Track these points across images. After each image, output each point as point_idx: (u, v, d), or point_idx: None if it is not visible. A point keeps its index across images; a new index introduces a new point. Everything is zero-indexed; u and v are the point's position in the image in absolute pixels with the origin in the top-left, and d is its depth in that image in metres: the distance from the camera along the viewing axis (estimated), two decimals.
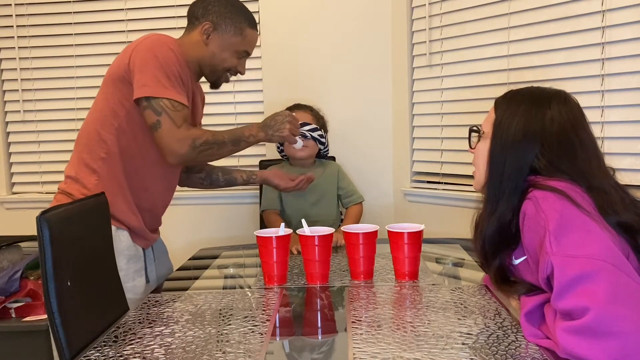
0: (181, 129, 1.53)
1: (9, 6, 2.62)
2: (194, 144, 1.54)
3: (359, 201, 2.14)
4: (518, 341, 1.04)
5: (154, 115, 1.52)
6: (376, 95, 2.51)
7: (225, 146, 1.61)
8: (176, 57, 1.56)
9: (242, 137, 1.64)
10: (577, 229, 0.99)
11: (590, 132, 1.17)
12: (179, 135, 1.53)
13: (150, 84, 1.51)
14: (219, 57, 1.68)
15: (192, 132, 1.56)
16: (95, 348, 1.10)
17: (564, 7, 1.89)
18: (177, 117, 1.53)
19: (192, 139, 1.54)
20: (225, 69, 1.71)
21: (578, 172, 1.11)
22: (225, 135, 1.62)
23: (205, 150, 1.57)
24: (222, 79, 1.75)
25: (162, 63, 1.52)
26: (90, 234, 1.36)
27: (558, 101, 1.17)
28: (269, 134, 1.66)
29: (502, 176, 1.15)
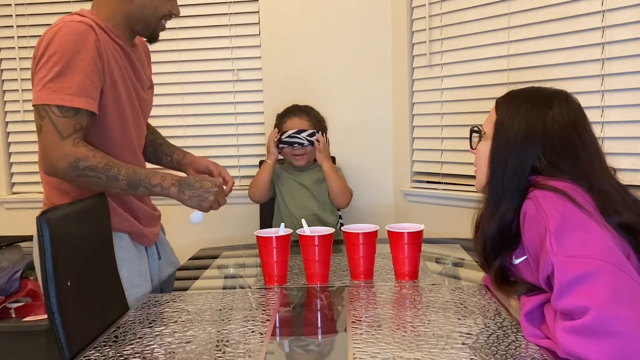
0: (66, 141, 1.32)
1: (9, 6, 2.61)
2: (76, 165, 1.33)
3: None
4: (518, 341, 1.04)
5: (38, 118, 1.34)
6: (376, 95, 2.51)
7: (117, 183, 1.38)
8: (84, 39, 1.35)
9: (145, 183, 1.41)
10: (577, 229, 0.99)
11: (591, 132, 1.18)
12: (60, 148, 1.32)
13: (36, 89, 1.33)
14: (150, 7, 1.48)
15: (78, 151, 1.33)
16: (95, 348, 1.10)
17: (564, 7, 1.88)
18: (63, 125, 1.32)
19: (75, 158, 1.33)
20: (160, 17, 1.52)
21: (579, 173, 1.11)
22: (123, 170, 1.38)
23: (89, 177, 1.35)
24: (158, 30, 1.56)
25: (63, 56, 1.32)
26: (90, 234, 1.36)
27: (559, 101, 1.17)
28: (185, 195, 1.45)
29: (503, 176, 1.15)
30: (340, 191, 2.07)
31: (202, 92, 2.60)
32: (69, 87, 1.32)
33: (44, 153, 1.34)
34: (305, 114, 2.16)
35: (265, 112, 2.55)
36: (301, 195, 2.10)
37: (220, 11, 2.55)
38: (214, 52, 2.58)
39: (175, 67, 2.58)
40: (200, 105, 2.61)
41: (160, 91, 2.59)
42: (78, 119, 1.34)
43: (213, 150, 2.62)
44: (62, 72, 1.32)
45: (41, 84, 1.32)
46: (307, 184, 2.12)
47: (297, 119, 2.13)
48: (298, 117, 2.14)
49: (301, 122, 2.12)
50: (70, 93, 1.32)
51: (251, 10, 2.55)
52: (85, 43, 1.35)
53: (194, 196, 1.47)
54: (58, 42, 1.33)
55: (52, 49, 1.33)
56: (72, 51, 1.33)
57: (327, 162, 2.07)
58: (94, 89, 1.37)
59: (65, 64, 1.32)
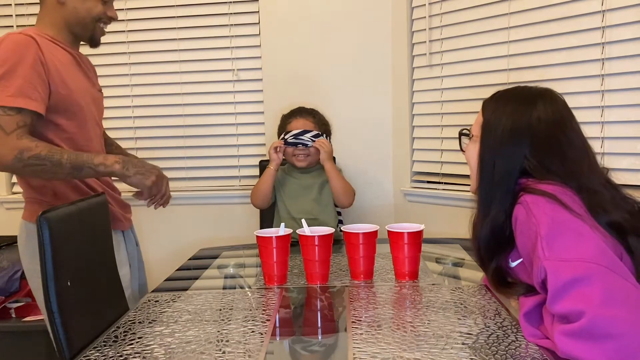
0: (10, 136, 1.41)
1: (9, 6, 2.61)
2: (21, 156, 1.41)
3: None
4: (518, 341, 1.04)
5: None
6: (376, 95, 2.51)
7: (61, 168, 1.44)
8: (25, 48, 1.45)
9: (88, 164, 1.47)
10: (568, 233, 0.99)
11: (578, 131, 1.16)
12: (5, 143, 1.40)
13: None
14: (82, 9, 1.58)
15: (22, 143, 1.42)
16: (95, 348, 1.10)
17: (564, 7, 1.88)
18: (6, 122, 1.41)
19: (19, 150, 1.41)
20: (94, 19, 1.60)
21: (568, 173, 1.10)
22: (65, 155, 1.46)
23: (35, 165, 1.42)
24: (97, 33, 1.64)
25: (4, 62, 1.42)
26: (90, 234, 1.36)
27: (544, 100, 1.16)
28: (129, 172, 1.50)
29: (492, 178, 1.15)
30: (343, 191, 2.07)
31: (202, 92, 2.60)
32: (8, 90, 1.41)
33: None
34: (311, 116, 2.15)
35: (265, 112, 2.55)
36: (303, 199, 2.10)
37: (220, 11, 2.55)
38: (214, 52, 2.58)
39: (175, 67, 2.58)
40: (200, 105, 2.61)
41: (160, 91, 2.60)
42: (21, 117, 1.43)
43: (213, 150, 2.63)
44: (2, 77, 1.42)
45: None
46: (309, 187, 2.11)
47: (302, 120, 2.12)
48: (303, 119, 2.13)
49: (306, 122, 2.11)
50: (9, 95, 1.41)
51: (251, 10, 2.55)
52: (24, 51, 1.45)
53: (138, 173, 1.52)
54: (3, 52, 1.44)
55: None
56: (13, 59, 1.43)
57: (330, 163, 2.07)
58: (34, 91, 1.44)
59: (6, 71, 1.42)
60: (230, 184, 2.62)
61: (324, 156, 2.05)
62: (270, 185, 2.08)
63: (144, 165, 1.55)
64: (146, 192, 1.55)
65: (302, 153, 2.08)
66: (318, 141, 2.05)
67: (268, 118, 2.53)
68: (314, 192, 2.10)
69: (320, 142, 2.05)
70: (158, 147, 2.59)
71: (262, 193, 2.09)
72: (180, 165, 2.62)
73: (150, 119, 2.63)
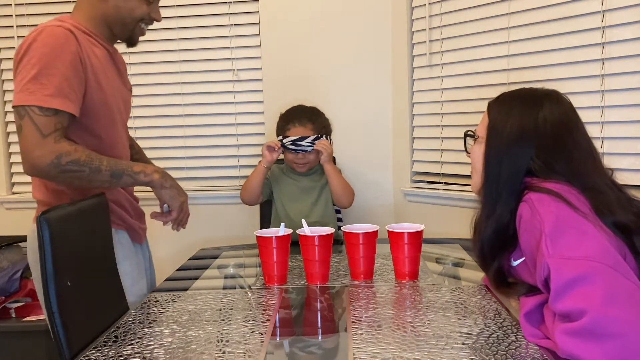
0: (47, 139, 1.32)
1: (9, 6, 2.62)
2: (59, 161, 1.32)
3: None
4: (518, 341, 1.04)
5: (17, 118, 1.33)
6: (376, 95, 2.51)
7: (100, 175, 1.37)
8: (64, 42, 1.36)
9: (128, 171, 1.42)
10: (572, 231, 0.99)
11: (584, 132, 1.17)
12: (42, 146, 1.31)
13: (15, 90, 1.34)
14: (124, 8, 1.48)
15: (60, 146, 1.33)
16: (95, 348, 1.10)
17: (564, 7, 1.88)
18: (43, 124, 1.31)
19: (57, 154, 1.32)
20: (136, 19, 1.51)
21: (573, 173, 1.11)
22: (105, 162, 1.39)
23: (72, 171, 1.34)
24: (136, 34, 1.56)
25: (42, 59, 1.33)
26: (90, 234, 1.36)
27: (550, 101, 1.16)
28: (167, 183, 1.47)
29: (498, 179, 1.15)
30: (343, 191, 2.05)
31: (202, 92, 2.60)
32: (46, 89, 1.32)
33: (24, 153, 1.33)
34: (310, 122, 2.07)
35: (265, 112, 2.55)
36: (302, 201, 2.09)
37: (220, 11, 2.55)
38: (214, 52, 2.58)
39: (175, 67, 2.58)
40: (200, 105, 2.61)
41: (160, 91, 2.60)
42: (59, 119, 1.34)
43: (213, 150, 2.63)
44: (40, 73, 1.32)
45: (20, 86, 1.33)
46: (308, 189, 2.11)
47: (301, 128, 2.05)
48: (302, 126, 2.05)
49: (305, 130, 2.05)
50: (47, 94, 1.32)
51: (251, 10, 2.55)
52: (64, 47, 1.36)
53: (174, 187, 1.49)
54: (36, 46, 1.34)
55: (31, 52, 1.34)
56: (51, 55, 1.34)
57: (330, 164, 2.05)
58: (72, 91, 1.36)
59: (43, 66, 1.32)
60: (230, 184, 2.62)
61: (325, 158, 2.03)
62: (259, 183, 2.05)
63: (178, 184, 1.51)
64: (177, 209, 1.51)
65: (301, 162, 2.06)
66: (318, 143, 2.01)
67: (268, 118, 2.53)
68: (313, 194, 2.09)
69: (321, 144, 2.01)
70: (158, 147, 2.59)
71: (250, 189, 2.07)
72: (180, 165, 2.62)
73: (150, 119, 2.63)
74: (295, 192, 2.10)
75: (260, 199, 2.12)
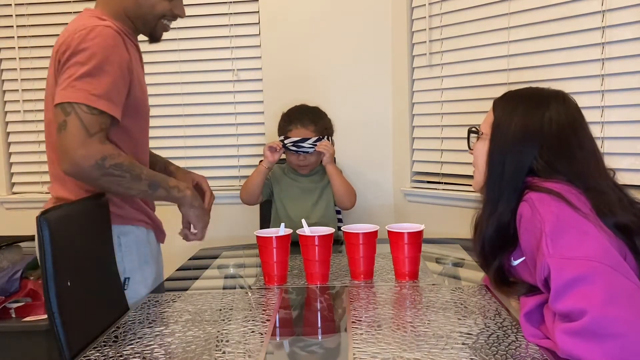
0: (93, 138, 1.28)
1: (9, 6, 2.61)
2: (103, 163, 1.29)
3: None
4: (518, 341, 1.04)
5: (62, 114, 1.29)
6: (376, 95, 2.50)
7: (140, 183, 1.36)
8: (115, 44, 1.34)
9: (164, 184, 1.41)
10: (573, 231, 0.99)
11: (589, 133, 1.17)
12: (87, 145, 1.27)
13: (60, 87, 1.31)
14: (145, 4, 1.45)
15: (105, 148, 1.30)
16: (95, 348, 1.10)
17: (564, 7, 1.88)
18: (90, 122, 1.28)
19: (102, 156, 1.28)
20: (157, 16, 1.47)
21: (576, 173, 1.11)
22: (145, 171, 1.38)
23: (114, 176, 1.31)
24: (159, 30, 1.52)
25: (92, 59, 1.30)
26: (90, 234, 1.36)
27: (556, 102, 1.17)
28: (196, 202, 1.47)
29: (501, 177, 1.15)
30: (345, 192, 2.04)
31: (202, 92, 2.60)
32: (94, 88, 1.29)
33: (67, 150, 1.28)
34: (312, 124, 2.05)
35: (265, 112, 2.55)
36: (303, 202, 2.09)
37: (220, 11, 2.55)
38: (214, 52, 2.58)
39: (175, 67, 2.58)
40: (200, 105, 2.61)
41: (160, 91, 2.60)
42: (103, 119, 1.32)
43: (213, 150, 2.63)
44: (89, 73, 1.30)
45: (66, 83, 1.30)
46: (309, 190, 2.10)
47: (303, 130, 2.03)
48: (304, 128, 2.04)
49: (307, 132, 2.03)
50: (95, 94, 1.29)
51: (251, 10, 2.55)
52: (114, 49, 1.34)
53: (201, 207, 1.49)
54: (87, 45, 1.31)
55: (81, 51, 1.31)
56: (101, 55, 1.31)
57: (332, 165, 2.03)
58: (118, 95, 1.35)
59: (93, 67, 1.30)
60: (230, 184, 2.62)
61: (327, 159, 2.01)
62: (259, 183, 2.04)
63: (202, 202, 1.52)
64: (201, 231, 1.51)
65: (303, 164, 2.05)
66: (320, 144, 1.99)
67: (268, 118, 2.53)
68: (314, 195, 2.09)
69: (322, 146, 1.99)
70: (158, 147, 2.58)
71: (250, 189, 2.06)
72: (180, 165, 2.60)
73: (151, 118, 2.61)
74: (296, 192, 2.10)
75: (259, 199, 2.11)
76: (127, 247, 1.49)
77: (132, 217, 1.51)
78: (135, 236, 1.52)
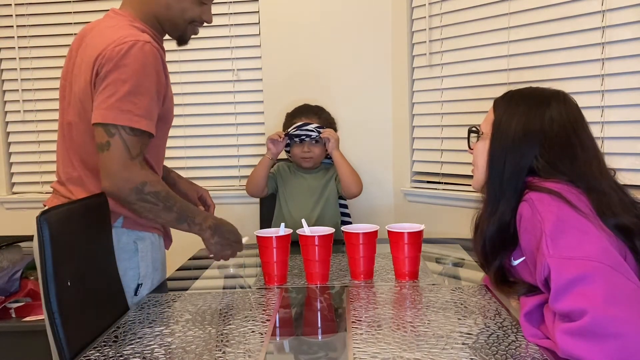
0: (134, 162, 1.30)
1: (9, 6, 2.61)
2: (142, 188, 1.30)
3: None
4: (518, 341, 1.04)
5: (105, 135, 1.29)
6: (376, 95, 2.51)
7: (169, 214, 1.36)
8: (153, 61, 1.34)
9: (189, 219, 1.40)
10: (573, 231, 0.99)
11: (590, 133, 1.17)
12: (129, 169, 1.29)
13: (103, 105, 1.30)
14: (176, 7, 1.44)
15: (146, 174, 1.31)
16: (95, 348, 1.10)
17: (564, 7, 1.88)
18: (132, 144, 1.30)
19: (142, 181, 1.30)
20: (187, 20, 1.47)
21: (577, 173, 1.11)
22: (178, 204, 1.37)
23: (149, 202, 1.32)
24: (188, 33, 1.52)
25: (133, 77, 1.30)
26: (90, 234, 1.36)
27: (557, 101, 1.17)
28: (213, 239, 1.45)
29: (502, 176, 1.15)
30: (352, 179, 2.04)
31: (202, 92, 2.60)
32: (138, 108, 1.30)
33: (109, 172, 1.29)
34: (316, 117, 2.14)
35: (265, 112, 2.55)
36: (306, 199, 2.10)
37: (220, 11, 2.55)
38: (214, 52, 2.58)
39: (175, 67, 2.58)
40: (200, 105, 2.61)
41: None
42: (143, 139, 1.33)
43: (213, 150, 2.63)
44: (131, 92, 1.29)
45: (109, 103, 1.29)
46: (312, 187, 2.11)
47: (306, 119, 2.11)
48: (308, 118, 2.12)
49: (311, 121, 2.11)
50: (138, 114, 1.30)
51: (251, 10, 2.55)
52: (153, 66, 1.34)
53: (218, 244, 1.46)
54: (128, 62, 1.30)
55: (122, 68, 1.30)
56: (142, 72, 1.31)
57: (338, 151, 2.06)
58: (154, 111, 1.36)
59: (135, 85, 1.30)
60: (230, 184, 2.62)
61: (332, 145, 2.04)
62: (263, 174, 2.08)
63: (229, 236, 1.48)
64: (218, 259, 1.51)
65: (307, 156, 2.07)
66: (325, 131, 2.04)
67: (268, 118, 2.53)
68: (317, 193, 2.10)
69: (327, 132, 2.04)
70: None
71: (254, 181, 2.10)
72: (181, 165, 2.62)
73: None
74: (300, 190, 2.12)
75: (265, 192, 2.14)
76: (143, 253, 1.49)
77: (149, 225, 1.51)
78: (151, 242, 1.52)
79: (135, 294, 1.48)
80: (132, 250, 1.47)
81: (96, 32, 1.39)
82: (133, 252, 1.47)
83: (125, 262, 1.46)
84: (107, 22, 1.42)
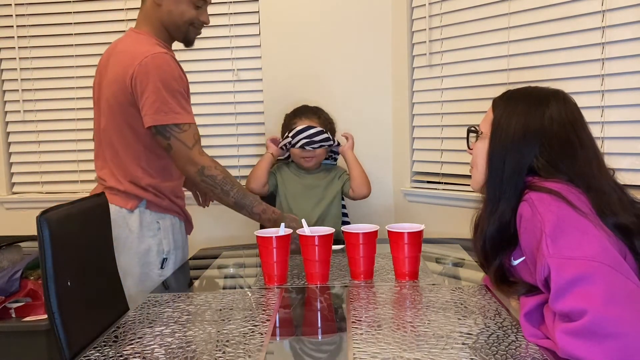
0: (193, 150, 1.62)
1: (9, 6, 2.61)
2: (202, 172, 1.63)
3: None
4: (518, 341, 1.04)
5: (164, 139, 1.61)
6: (376, 95, 2.51)
7: (227, 198, 1.67)
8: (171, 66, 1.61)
9: (249, 207, 1.71)
10: (573, 231, 0.99)
11: (589, 132, 1.17)
12: (189, 158, 1.62)
13: (150, 110, 1.58)
14: (175, 12, 1.69)
15: (203, 160, 1.64)
16: (95, 348, 1.10)
17: (564, 7, 1.88)
18: (186, 138, 1.61)
19: (200, 166, 1.63)
20: (187, 22, 1.71)
21: (577, 173, 1.11)
22: (235, 190, 1.68)
23: (208, 184, 1.65)
24: (191, 34, 1.76)
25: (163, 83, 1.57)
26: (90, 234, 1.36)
27: (557, 100, 1.17)
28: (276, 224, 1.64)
29: (502, 176, 1.15)
30: (364, 179, 2.13)
31: (202, 92, 2.60)
32: (175, 107, 1.59)
33: (179, 164, 1.65)
34: (316, 116, 2.17)
35: (265, 112, 2.55)
36: (306, 199, 2.10)
37: (220, 11, 2.55)
38: (214, 52, 2.58)
39: None
40: (200, 105, 2.60)
41: None
42: (193, 130, 1.64)
43: (213, 150, 2.62)
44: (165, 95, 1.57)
45: (154, 107, 1.57)
46: (313, 187, 2.12)
47: (307, 120, 2.14)
48: (308, 119, 2.14)
49: (312, 122, 2.13)
50: (178, 112, 1.60)
51: (251, 10, 2.55)
52: (174, 70, 1.62)
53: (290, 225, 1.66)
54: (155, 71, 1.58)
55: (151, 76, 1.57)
56: (168, 76, 1.59)
57: (352, 152, 2.14)
58: (188, 104, 1.65)
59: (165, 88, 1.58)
60: None
61: (349, 145, 2.15)
62: (264, 169, 2.13)
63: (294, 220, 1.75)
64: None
65: (309, 156, 2.09)
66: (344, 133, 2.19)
67: (268, 118, 2.53)
68: (318, 193, 2.10)
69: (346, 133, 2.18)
70: None
71: (256, 174, 2.14)
72: None
73: None
74: (300, 190, 2.12)
75: (266, 188, 2.15)
76: (164, 230, 1.73)
77: (169, 209, 1.74)
78: (171, 223, 1.76)
79: (161, 267, 1.70)
80: (155, 229, 1.71)
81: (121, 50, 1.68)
82: (156, 230, 1.71)
83: (149, 239, 1.69)
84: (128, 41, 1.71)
